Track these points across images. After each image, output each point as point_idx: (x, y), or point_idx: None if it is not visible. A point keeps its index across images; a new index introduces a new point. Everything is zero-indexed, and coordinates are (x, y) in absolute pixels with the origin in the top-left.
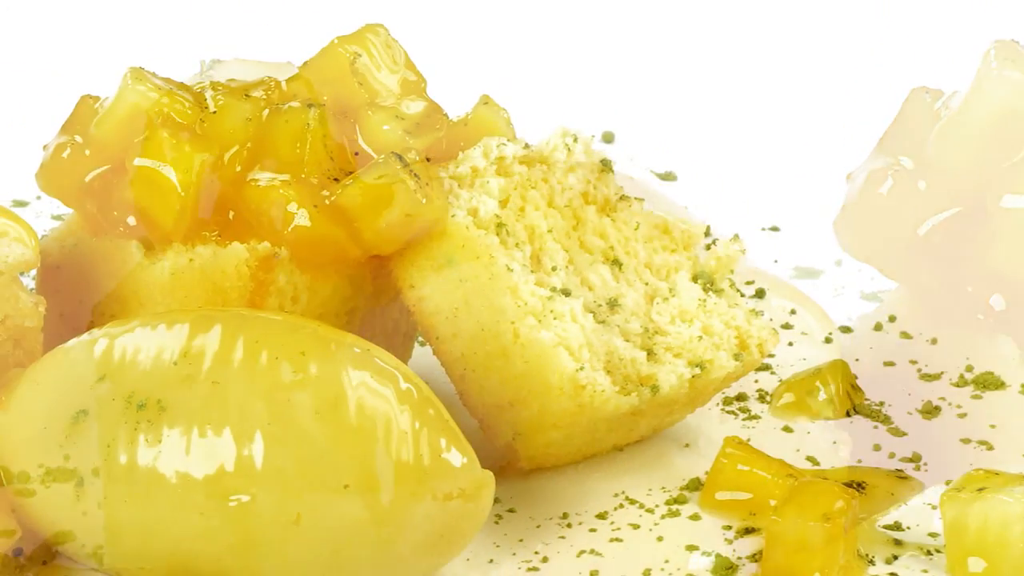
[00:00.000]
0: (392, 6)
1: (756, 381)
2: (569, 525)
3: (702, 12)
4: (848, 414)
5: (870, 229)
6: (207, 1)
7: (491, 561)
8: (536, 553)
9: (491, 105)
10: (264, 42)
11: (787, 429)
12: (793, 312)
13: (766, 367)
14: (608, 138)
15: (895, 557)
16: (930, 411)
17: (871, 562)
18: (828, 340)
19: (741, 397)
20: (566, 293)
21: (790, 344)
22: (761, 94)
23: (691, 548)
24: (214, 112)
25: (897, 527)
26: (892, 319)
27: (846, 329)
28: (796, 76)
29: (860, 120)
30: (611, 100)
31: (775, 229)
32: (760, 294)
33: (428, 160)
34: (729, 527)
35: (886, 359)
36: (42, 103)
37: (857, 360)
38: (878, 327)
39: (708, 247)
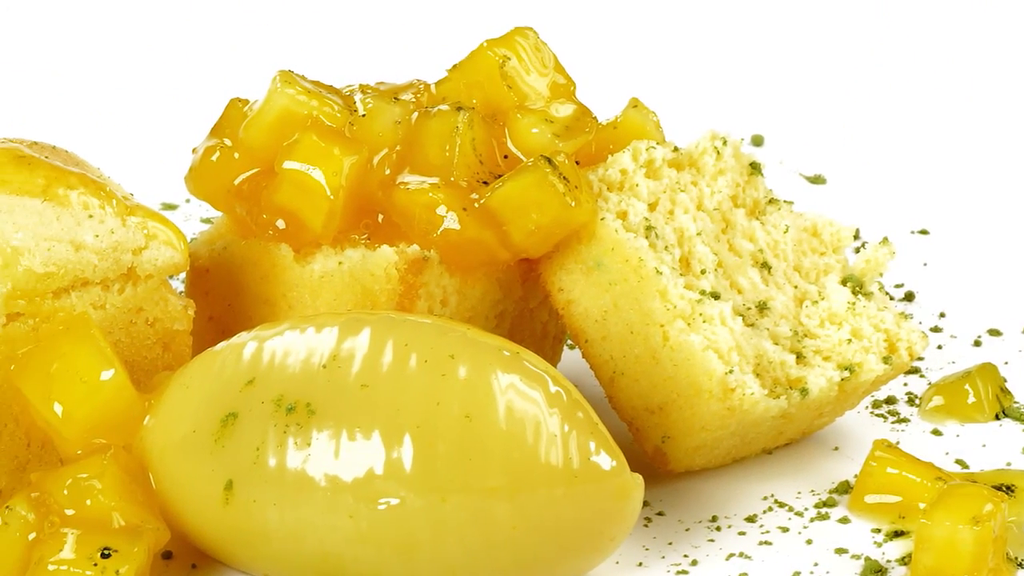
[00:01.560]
0: (543, 9)
1: (905, 384)
2: (718, 528)
3: (852, 13)
4: (997, 417)
5: None
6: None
7: (640, 564)
8: (685, 556)
9: (640, 108)
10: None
11: (936, 432)
12: (942, 315)
13: (915, 370)
14: (757, 141)
15: None
16: None
17: (1020, 565)
18: (977, 343)
19: (890, 400)
20: (715, 296)
21: (939, 347)
22: (912, 95)
23: (840, 551)
24: (363, 115)
25: None
26: None
27: (995, 332)
28: (947, 75)
29: (1014, 123)
30: (760, 103)
31: (924, 232)
32: (909, 297)
33: (577, 163)
34: (878, 530)
35: None
36: (186, 107)
37: (1006, 363)
38: None
39: (857, 250)
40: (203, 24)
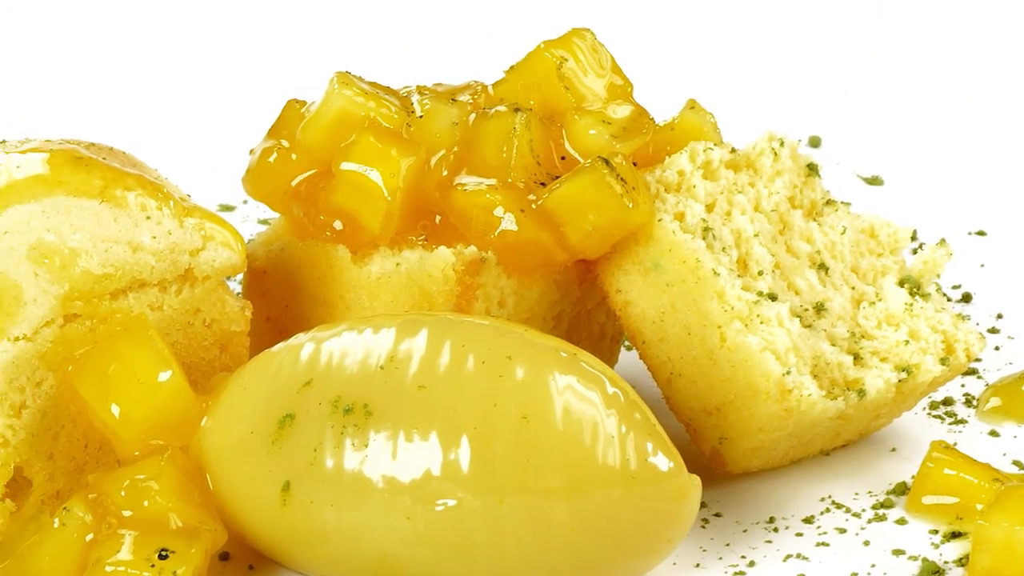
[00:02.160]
0: (600, 10)
1: (963, 385)
2: (776, 529)
3: (911, 14)
4: None
5: None
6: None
7: (698, 566)
8: (743, 557)
9: (697, 109)
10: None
11: (993, 433)
12: (1000, 316)
13: (973, 371)
14: (815, 142)
15: None
16: None
17: None
18: None
19: (947, 401)
20: (772, 297)
21: (996, 348)
22: (970, 96)
23: (897, 552)
24: (420, 116)
25: None
26: None
27: None
28: (1004, 77)
29: None
30: (818, 104)
31: (982, 234)
32: (966, 298)
33: (634, 164)
34: (935, 531)
35: None
36: (243, 109)
37: None
38: None
39: (915, 251)
40: (260, 25)
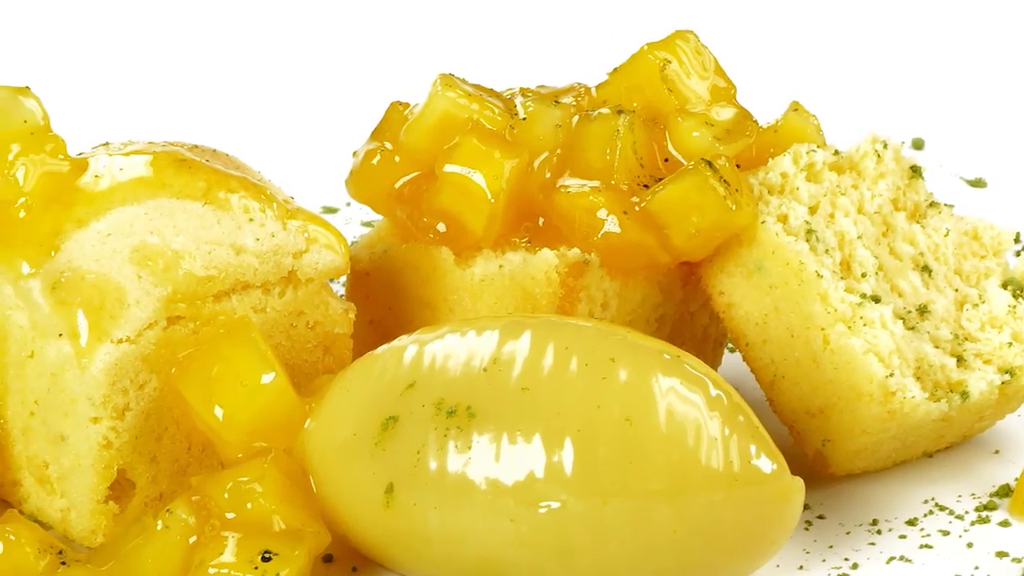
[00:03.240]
0: (703, 12)
1: None
2: (879, 532)
3: (1014, 16)
4: None
5: None
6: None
7: (801, 568)
8: (846, 559)
9: (801, 111)
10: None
11: None
12: None
13: None
14: (918, 144)
15: None
16: None
17: None
18: None
19: None
20: (876, 300)
21: None
22: None
23: (1001, 555)
24: (524, 118)
25: None
26: None
27: None
28: None
29: None
30: (921, 106)
31: None
32: None
33: (738, 166)
34: None
35: None
36: (347, 111)
37: None
38: None
39: (1018, 253)
40: (364, 28)
